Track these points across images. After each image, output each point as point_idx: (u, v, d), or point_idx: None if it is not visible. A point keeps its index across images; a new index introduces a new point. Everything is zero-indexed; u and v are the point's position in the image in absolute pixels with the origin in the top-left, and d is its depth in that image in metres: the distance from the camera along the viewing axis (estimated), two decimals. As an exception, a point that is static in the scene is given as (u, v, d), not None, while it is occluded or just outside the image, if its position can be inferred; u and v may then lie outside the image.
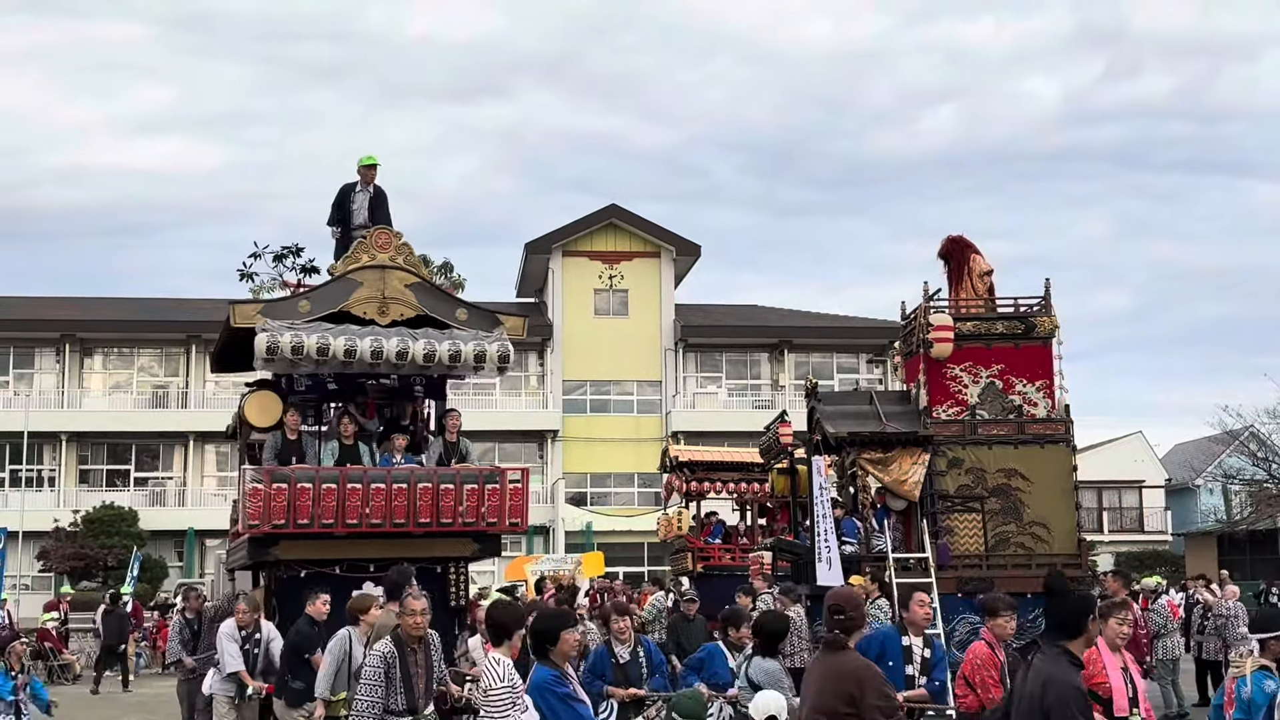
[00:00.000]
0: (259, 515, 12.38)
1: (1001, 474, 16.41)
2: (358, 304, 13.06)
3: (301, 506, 12.38)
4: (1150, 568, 43.02)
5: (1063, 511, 16.45)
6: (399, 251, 13.33)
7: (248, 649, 12.16)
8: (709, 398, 48.65)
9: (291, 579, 12.72)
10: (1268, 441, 42.42)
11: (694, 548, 23.62)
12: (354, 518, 12.54)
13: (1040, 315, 17.02)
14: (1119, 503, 54.07)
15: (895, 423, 16.40)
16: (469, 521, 12.98)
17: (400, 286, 13.22)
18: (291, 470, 12.63)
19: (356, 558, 12.82)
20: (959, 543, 16.24)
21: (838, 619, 6.62)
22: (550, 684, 6.99)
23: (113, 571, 37.90)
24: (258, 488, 12.45)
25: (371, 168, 14.66)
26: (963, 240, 17.79)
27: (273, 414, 13.57)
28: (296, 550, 12.65)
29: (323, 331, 12.67)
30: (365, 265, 13.17)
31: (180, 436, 46.12)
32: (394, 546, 12.78)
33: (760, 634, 9.52)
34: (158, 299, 50.34)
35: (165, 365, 47.67)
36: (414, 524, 12.78)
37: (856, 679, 6.30)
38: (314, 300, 13.09)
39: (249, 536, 12.64)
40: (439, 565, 13.24)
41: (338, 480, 12.57)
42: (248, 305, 13.11)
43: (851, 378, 48.20)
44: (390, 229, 13.48)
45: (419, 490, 12.80)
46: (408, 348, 12.87)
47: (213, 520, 43.38)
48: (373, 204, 14.55)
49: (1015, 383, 16.82)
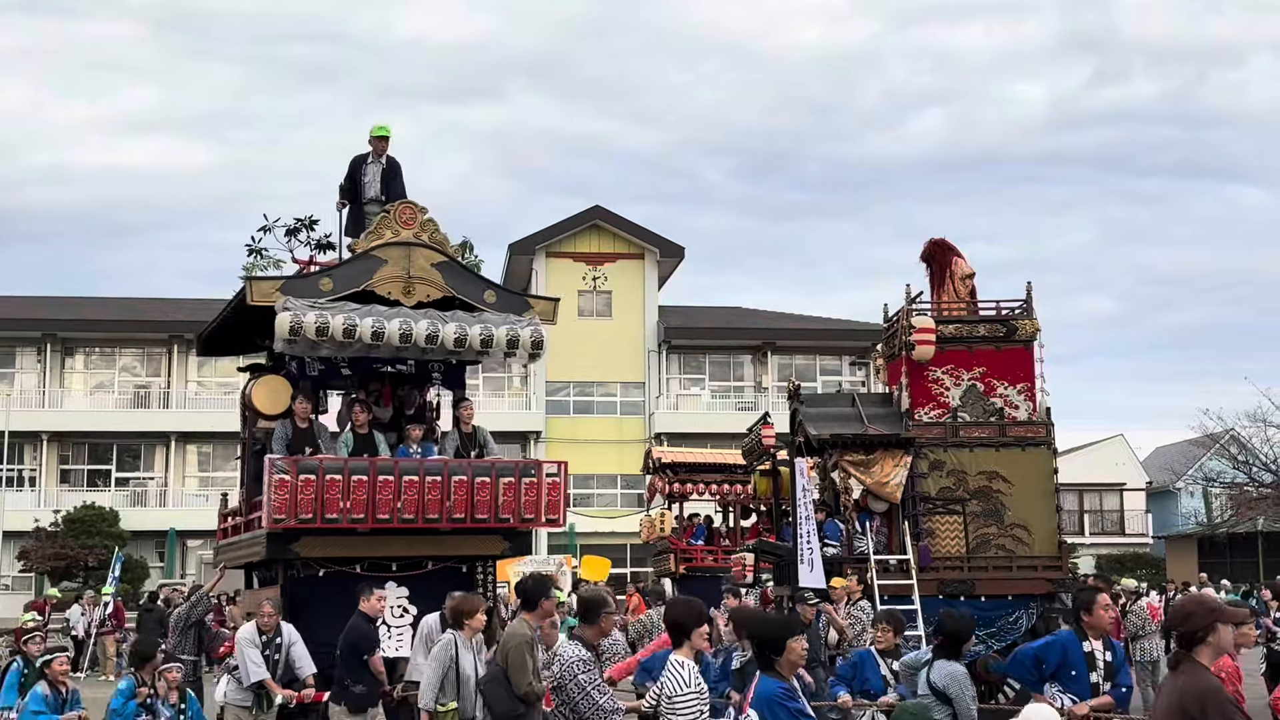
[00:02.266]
0: (285, 509, 11.45)
1: (983, 476, 16.48)
2: (381, 283, 12.14)
3: (330, 500, 11.50)
4: (1131, 570, 43.17)
5: (1044, 514, 16.52)
6: (424, 228, 12.45)
7: (268, 654, 11.07)
8: (692, 399, 48.69)
9: (309, 578, 11.94)
10: (1248, 445, 42.58)
11: (676, 549, 23.65)
12: (385, 512, 11.68)
13: (1022, 318, 17.10)
14: (1100, 505, 54.25)
15: (877, 425, 16.45)
16: (504, 517, 12.19)
17: (426, 265, 12.32)
18: (320, 461, 11.74)
19: (379, 556, 12.06)
20: (940, 545, 16.30)
21: (1179, 632, 5.56)
22: (781, 697, 6.22)
23: (93, 572, 37.76)
24: (284, 479, 11.44)
25: (383, 139, 13.59)
26: (945, 243, 17.86)
27: (281, 400, 12.65)
28: (318, 547, 11.82)
29: (348, 312, 11.75)
30: (389, 242, 12.26)
31: (162, 437, 45.97)
32: (419, 544, 12.10)
33: (944, 635, 8.70)
34: (140, 299, 50.17)
35: (147, 365, 47.51)
36: (447, 520, 11.95)
37: (1199, 699, 5.34)
38: (336, 278, 12.12)
39: (268, 532, 11.69)
40: (465, 564, 12.54)
41: (368, 472, 11.68)
42: (266, 282, 12.11)
43: (834, 380, 48.28)
44: (414, 204, 12.54)
45: (453, 483, 11.95)
46: (437, 331, 11.98)
47: (194, 521, 43.30)
48: (385, 176, 13.46)
49: (997, 385, 16.89)
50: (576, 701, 7.18)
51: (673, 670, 6.70)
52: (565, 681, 7.23)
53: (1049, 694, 8.50)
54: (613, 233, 48.37)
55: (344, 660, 10.40)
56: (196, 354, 15.93)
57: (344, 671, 10.38)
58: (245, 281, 12.09)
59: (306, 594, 11.78)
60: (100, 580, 32.84)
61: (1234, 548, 45.05)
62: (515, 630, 8.47)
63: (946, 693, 7.96)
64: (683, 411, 47.60)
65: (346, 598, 11.38)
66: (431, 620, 10.70)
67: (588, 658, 7.27)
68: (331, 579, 11.85)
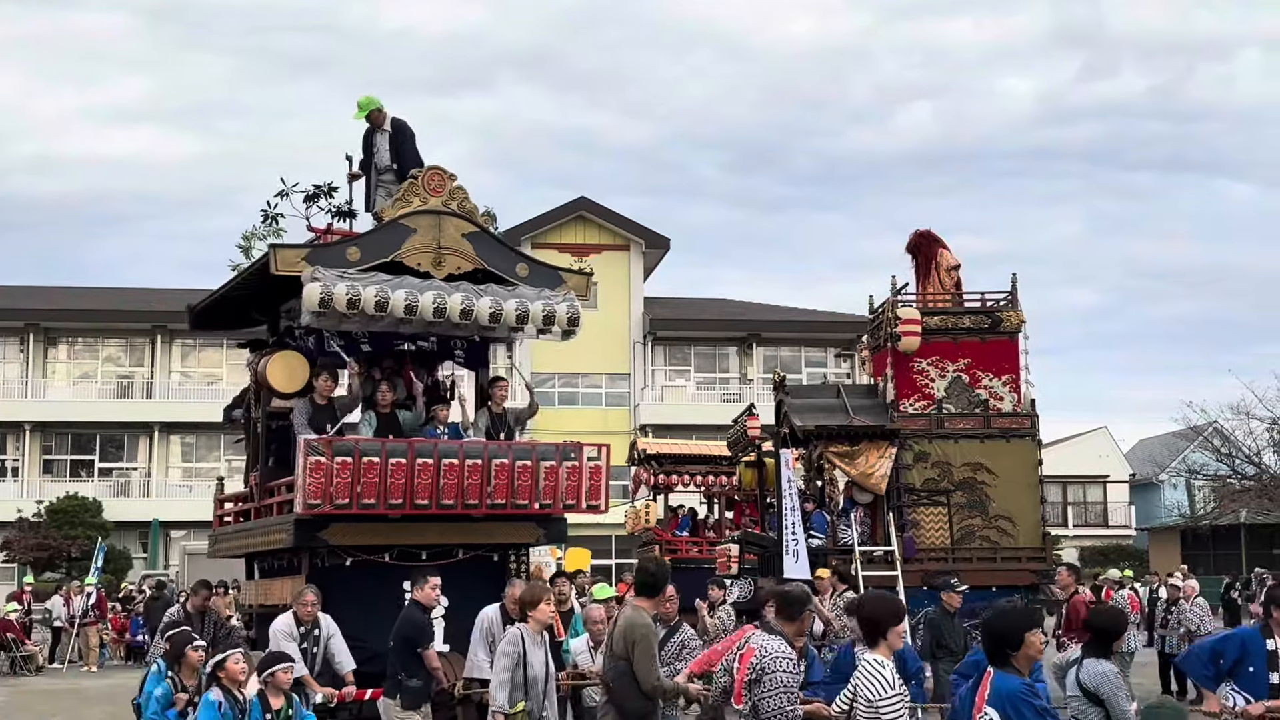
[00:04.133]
0: (319, 493, 10.71)
1: (967, 468, 16.54)
2: (411, 254, 11.38)
3: (368, 484, 10.82)
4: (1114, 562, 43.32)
5: (1028, 505, 16.58)
6: (453, 196, 11.71)
7: (305, 648, 10.24)
8: (677, 391, 48.68)
9: (335, 568, 11.26)
10: (1231, 437, 42.75)
11: (661, 541, 23.65)
12: (424, 497, 11.03)
13: (1006, 310, 17.14)
14: (1083, 497, 54.43)
15: (862, 416, 16.48)
16: (545, 503, 11.63)
17: (456, 236, 11.59)
18: (356, 443, 11.05)
19: (409, 544, 11.42)
20: (925, 536, 16.35)
21: None
22: (1025, 694, 5.68)
23: (76, 562, 37.65)
24: (319, 461, 10.69)
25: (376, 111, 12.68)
26: (930, 235, 17.91)
27: (299, 377, 11.90)
28: (348, 534, 11.13)
29: (380, 283, 11.00)
30: (418, 210, 11.52)
31: (145, 427, 45.81)
32: (451, 531, 11.51)
33: (1093, 631, 8.09)
34: (124, 289, 49.96)
35: (130, 355, 47.33)
36: (487, 505, 11.34)
37: None
38: (363, 247, 11.35)
39: (296, 518, 10.96)
40: (496, 553, 11.96)
41: (405, 455, 10.99)
42: (290, 250, 11.25)
43: (820, 372, 48.30)
44: (443, 170, 11.77)
45: (494, 467, 11.33)
46: (472, 305, 11.25)
47: (177, 512, 43.14)
48: (394, 143, 12.63)
49: (982, 377, 16.94)
50: (764, 698, 6.65)
51: (872, 671, 6.25)
52: (765, 674, 6.67)
53: (1222, 693, 8.09)
54: (598, 224, 48.30)
55: (398, 653, 9.79)
56: (189, 327, 14.62)
57: (397, 665, 9.77)
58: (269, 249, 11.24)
59: (332, 584, 11.01)
60: (83, 571, 32.74)
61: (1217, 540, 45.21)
62: (637, 620, 7.76)
63: (1098, 693, 7.35)
64: (668, 403, 47.58)
65: (374, 588, 10.94)
66: (491, 613, 10.30)
67: (795, 658, 6.79)
68: (359, 568, 11.25)
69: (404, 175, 12.04)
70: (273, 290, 12.03)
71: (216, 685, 8.72)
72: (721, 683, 7.07)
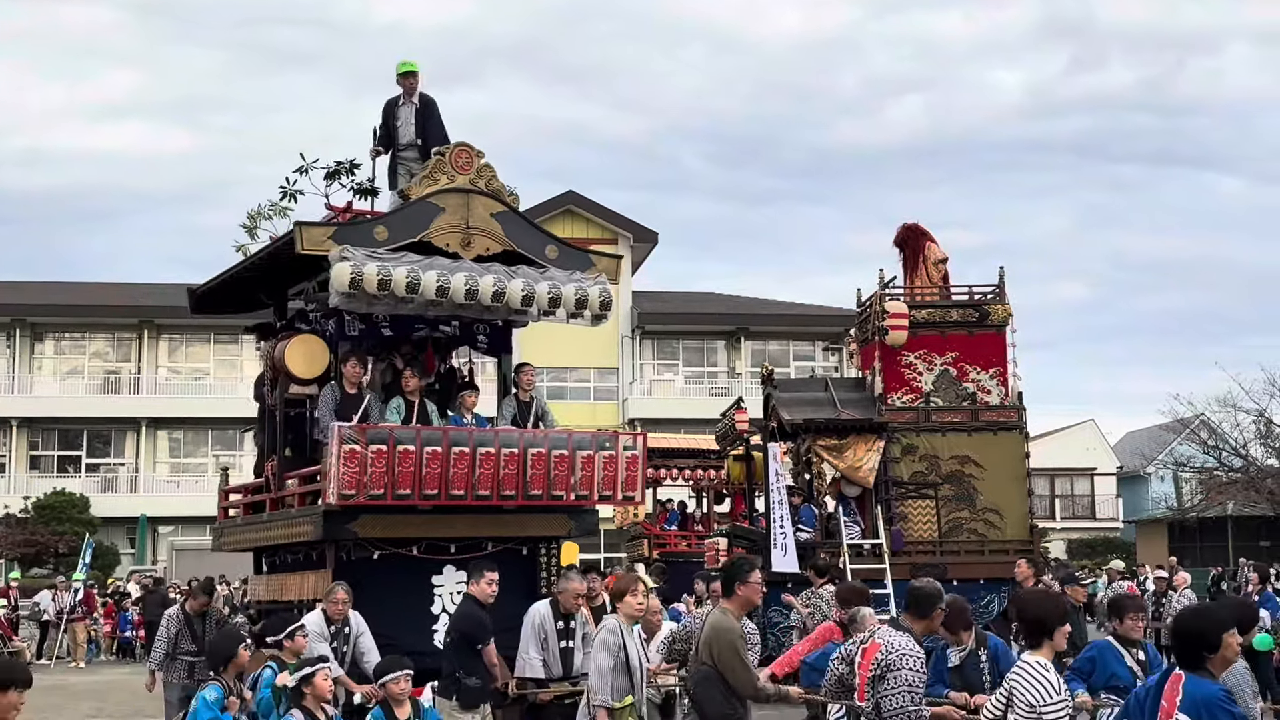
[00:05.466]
0: (354, 483, 10.23)
1: (955, 461, 16.57)
2: (439, 234, 10.95)
3: (403, 473, 10.36)
4: (1101, 555, 43.47)
5: (1015, 498, 16.62)
6: (480, 174, 11.29)
7: (335, 646, 9.79)
8: (666, 385, 48.68)
9: (362, 561, 10.77)
10: (1218, 430, 42.88)
11: (650, 534, 23.67)
12: (460, 487, 10.58)
13: (994, 303, 17.16)
14: (1071, 490, 54.53)
15: (850, 410, 16.50)
16: (582, 494, 11.21)
17: (485, 215, 11.17)
18: (391, 430, 10.59)
19: (439, 537, 11.01)
20: (913, 529, 16.38)
21: None
22: (1224, 702, 5.26)
23: (64, 558, 37.57)
24: (354, 450, 10.24)
25: (411, 75, 12.26)
26: (918, 228, 17.93)
27: (320, 363, 11.44)
28: (377, 526, 10.68)
29: (411, 264, 10.56)
30: (445, 188, 11.08)
31: (133, 422, 45.70)
32: (481, 524, 11.08)
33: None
34: (111, 284, 49.82)
35: (118, 350, 47.21)
36: (523, 496, 10.91)
37: None
38: (391, 226, 10.92)
39: (324, 509, 10.52)
40: (526, 546, 11.53)
41: (441, 443, 10.56)
42: (317, 228, 10.82)
43: (808, 365, 48.35)
44: (470, 146, 11.38)
45: (530, 456, 10.89)
46: (504, 287, 10.84)
47: (165, 507, 43.08)
48: (420, 118, 12.21)
49: (969, 370, 16.97)
50: (888, 695, 6.38)
51: (1034, 674, 5.90)
52: (890, 671, 6.41)
53: None
54: (586, 218, 48.24)
55: (455, 650, 9.29)
56: (190, 310, 13.97)
57: (455, 663, 9.25)
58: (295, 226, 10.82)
59: (359, 579, 10.47)
60: (71, 567, 32.67)
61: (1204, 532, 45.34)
62: (723, 623, 7.41)
63: None
64: (656, 397, 47.58)
65: (404, 582, 10.61)
66: (543, 609, 9.94)
67: (922, 656, 6.52)
68: (386, 561, 10.78)
69: (428, 152, 11.72)
70: (281, 272, 11.68)
71: (297, 707, 7.74)
72: (838, 673, 6.85)
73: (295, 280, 11.91)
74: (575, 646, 9.80)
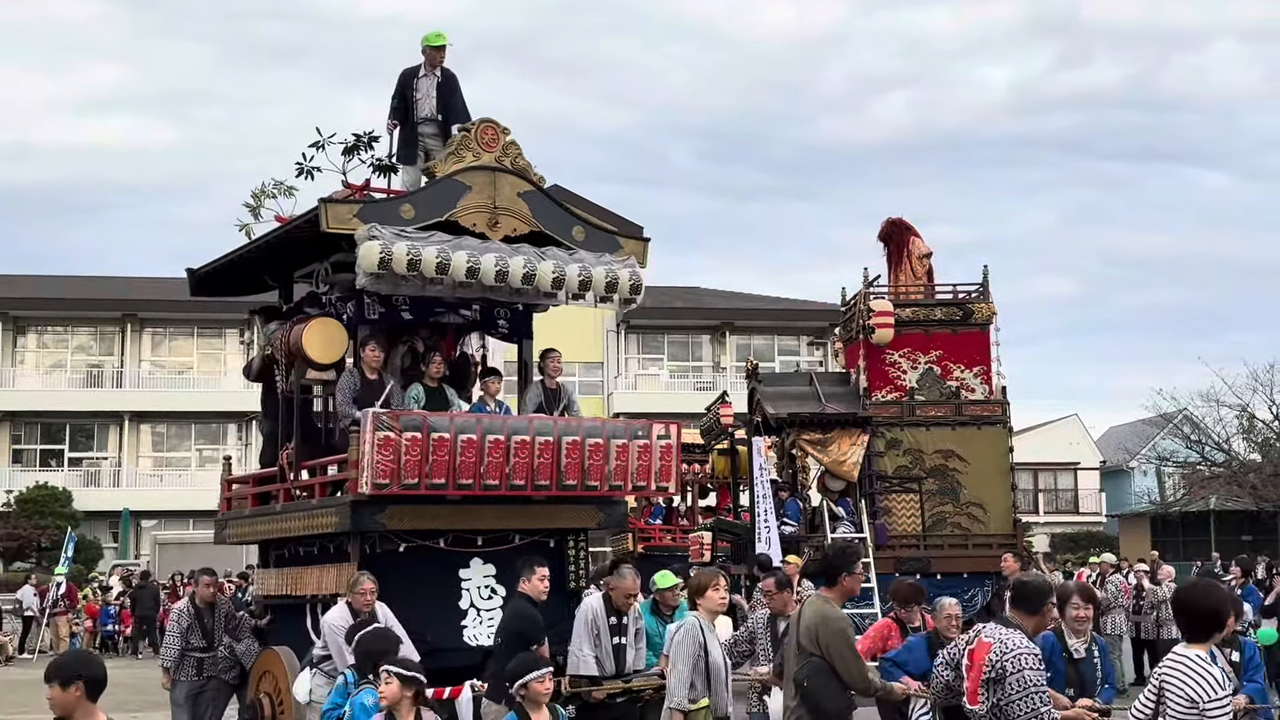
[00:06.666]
0: (389, 472, 9.83)
1: (939, 455, 16.63)
2: (465, 213, 10.54)
3: (437, 463, 9.95)
4: (1085, 549, 43.61)
5: (999, 492, 16.69)
6: (506, 151, 10.87)
7: None
8: (650, 379, 48.69)
9: (388, 554, 10.30)
10: (1201, 424, 43.08)
11: (635, 528, 23.67)
12: (494, 477, 10.16)
13: (979, 302, 17.21)
14: (1054, 484, 54.72)
15: (835, 404, 16.53)
16: (616, 484, 10.80)
17: (512, 195, 10.75)
18: (425, 417, 10.16)
19: (466, 529, 10.55)
20: (896, 523, 16.43)
21: None
22: None
23: (46, 552, 37.46)
24: (389, 437, 9.80)
25: (439, 48, 11.83)
26: (902, 223, 17.97)
27: (338, 347, 10.98)
28: (405, 518, 10.23)
29: (441, 243, 10.20)
30: (471, 166, 10.67)
31: (115, 416, 45.55)
32: (510, 515, 10.63)
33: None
34: (94, 277, 49.67)
35: (101, 344, 47.04)
36: (557, 486, 10.52)
37: None
38: (417, 204, 10.49)
39: (352, 499, 10.03)
40: (553, 538, 11.05)
41: (475, 430, 10.14)
42: (342, 205, 10.38)
43: (792, 360, 48.40)
44: (496, 123, 10.96)
45: (565, 445, 10.50)
46: (535, 269, 10.46)
47: (148, 501, 42.95)
48: (442, 92, 11.77)
49: (953, 369, 17.03)
50: (1014, 701, 6.11)
51: (1199, 670, 5.60)
52: (1009, 674, 6.13)
53: None
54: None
55: (508, 650, 8.67)
56: (190, 293, 13.39)
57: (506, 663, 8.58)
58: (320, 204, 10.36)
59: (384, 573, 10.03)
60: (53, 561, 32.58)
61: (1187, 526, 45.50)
62: (827, 613, 7.17)
63: None
64: (641, 391, 47.59)
65: (430, 576, 10.27)
66: (596, 604, 9.74)
67: (1040, 654, 6.32)
68: (412, 554, 10.36)
69: (448, 128, 11.40)
70: (287, 253, 11.32)
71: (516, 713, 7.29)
72: (945, 679, 6.57)
73: (301, 262, 11.53)
74: (628, 643, 9.61)
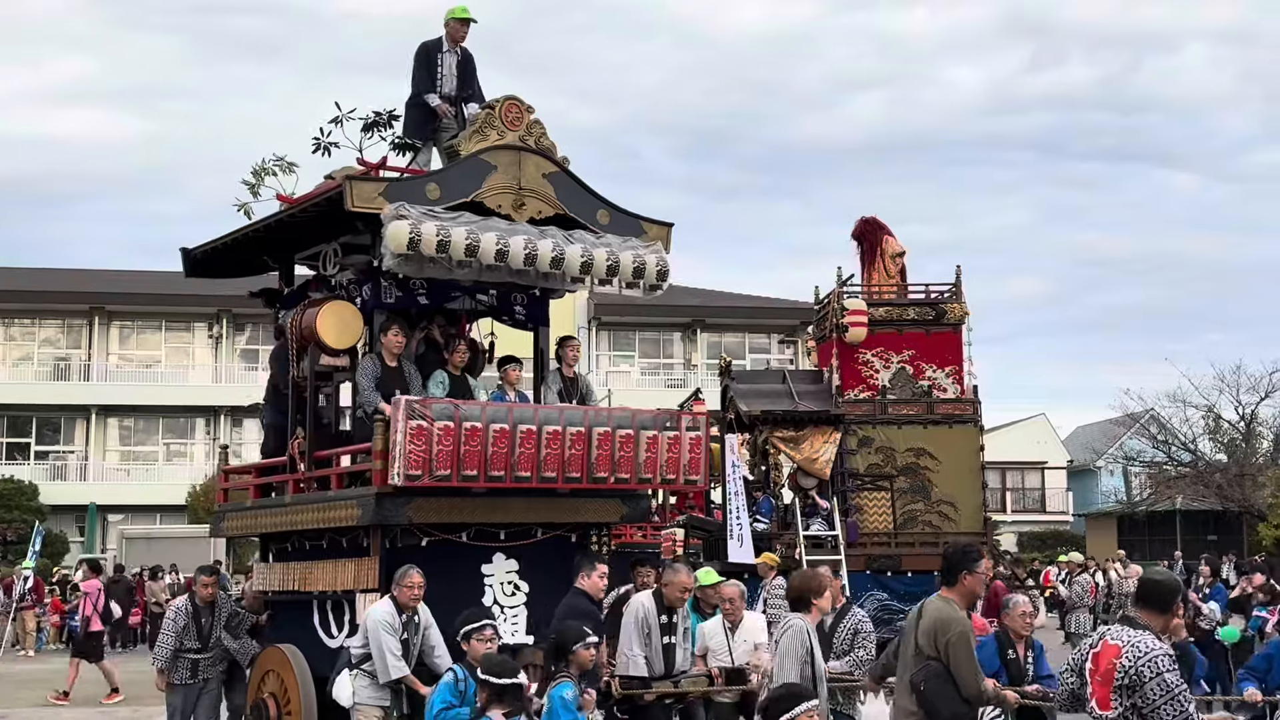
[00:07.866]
0: (420, 463, 9.45)
1: (911, 453, 16.70)
2: (491, 194, 10.19)
3: (470, 453, 9.58)
4: (1052, 548, 43.89)
5: (969, 491, 16.78)
6: (530, 130, 10.51)
7: (405, 638, 9.08)
8: (622, 376, 48.67)
9: (409, 548, 9.90)
10: (1167, 425, 43.41)
11: (606, 525, 23.68)
12: (526, 468, 9.81)
13: (951, 302, 17.29)
14: (1021, 483, 55.01)
15: (808, 401, 16.57)
16: (645, 476, 10.48)
17: (537, 175, 10.42)
18: (457, 406, 9.81)
19: (490, 522, 10.21)
20: (868, 520, 16.49)
21: None
22: None
23: (13, 546, 37.19)
24: (421, 426, 9.43)
25: (465, 22, 11.52)
26: (876, 221, 18.04)
27: (353, 332, 10.58)
28: (431, 511, 9.86)
29: (469, 224, 9.84)
30: (496, 145, 10.32)
31: (82, 410, 45.26)
32: (536, 508, 10.30)
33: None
34: (62, 270, 49.31)
35: (68, 337, 46.73)
36: (588, 479, 10.15)
37: None
38: (443, 184, 10.13)
39: (377, 492, 9.62)
40: (575, 532, 10.68)
41: (507, 420, 9.79)
42: (368, 184, 10.02)
43: (764, 358, 48.49)
44: (520, 101, 10.61)
45: (596, 436, 10.16)
46: (563, 253, 10.10)
47: (115, 495, 42.66)
48: (463, 70, 11.43)
49: (925, 368, 17.11)
50: (1157, 707, 5.81)
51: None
52: (1146, 680, 5.84)
53: None
54: (543, 208, 48.23)
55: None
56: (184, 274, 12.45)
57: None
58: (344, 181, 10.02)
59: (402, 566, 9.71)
60: (20, 555, 32.34)
61: (1153, 526, 45.90)
62: (949, 615, 6.92)
63: None
64: (612, 389, 47.57)
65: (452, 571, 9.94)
66: (646, 602, 9.54)
67: (1174, 654, 6.07)
68: (434, 548, 9.98)
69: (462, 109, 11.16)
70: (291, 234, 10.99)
71: None
72: (1070, 686, 6.25)
73: (305, 243, 11.23)
74: (677, 643, 9.47)
